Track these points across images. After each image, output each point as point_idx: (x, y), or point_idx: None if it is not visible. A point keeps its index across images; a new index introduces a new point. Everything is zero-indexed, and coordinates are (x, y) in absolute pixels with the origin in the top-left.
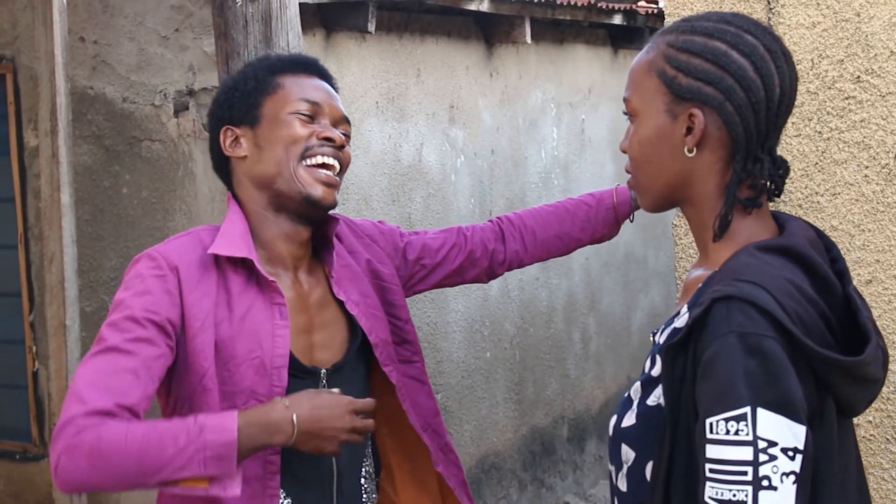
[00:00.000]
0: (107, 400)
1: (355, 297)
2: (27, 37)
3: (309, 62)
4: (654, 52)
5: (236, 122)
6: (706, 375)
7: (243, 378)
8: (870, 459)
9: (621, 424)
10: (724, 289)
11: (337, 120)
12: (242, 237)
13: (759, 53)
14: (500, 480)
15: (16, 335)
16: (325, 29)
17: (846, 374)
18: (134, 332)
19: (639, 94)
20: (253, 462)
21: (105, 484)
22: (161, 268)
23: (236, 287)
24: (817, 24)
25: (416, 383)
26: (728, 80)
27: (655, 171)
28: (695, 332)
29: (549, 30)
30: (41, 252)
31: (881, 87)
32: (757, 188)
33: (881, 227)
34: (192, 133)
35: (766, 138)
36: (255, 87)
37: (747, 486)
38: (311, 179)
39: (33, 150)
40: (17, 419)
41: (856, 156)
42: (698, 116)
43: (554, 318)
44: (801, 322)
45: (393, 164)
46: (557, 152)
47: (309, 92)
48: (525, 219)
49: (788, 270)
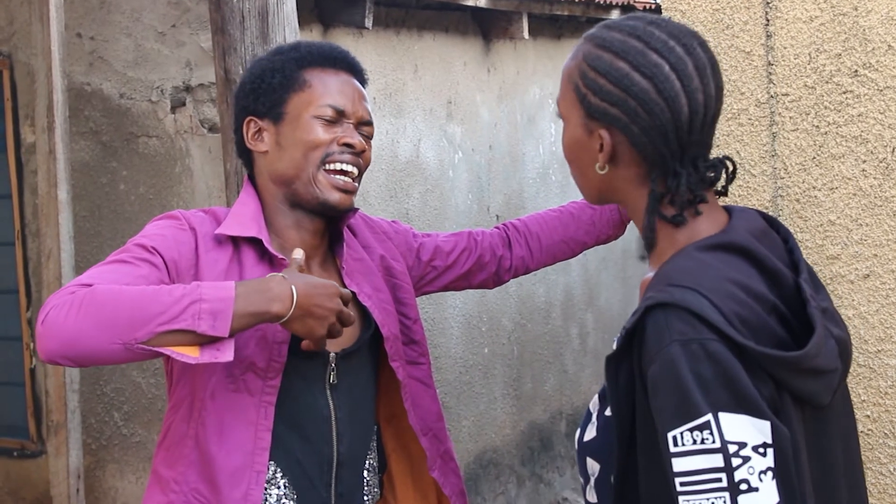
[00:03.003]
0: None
1: (367, 290)
2: (24, 33)
3: (338, 57)
4: (574, 61)
5: (260, 115)
6: (658, 389)
7: (244, 347)
8: (867, 454)
9: (584, 438)
10: (658, 296)
11: (361, 121)
12: (254, 218)
13: (664, 74)
14: (499, 476)
15: (13, 332)
16: (322, 24)
17: (793, 369)
18: (141, 254)
19: (563, 101)
20: (244, 433)
21: (91, 336)
22: (181, 222)
23: (249, 262)
24: (815, 19)
25: (420, 385)
26: (630, 103)
27: (582, 178)
28: (635, 340)
29: (547, 25)
30: (38, 249)
31: (879, 81)
32: (679, 203)
33: (879, 222)
34: (190, 129)
35: (683, 154)
36: (282, 83)
37: (724, 493)
38: (329, 185)
39: (30, 146)
40: (14, 416)
41: (853, 150)
42: (605, 137)
43: (552, 313)
44: (742, 322)
45: (390, 159)
46: (555, 148)
47: (335, 95)
48: (530, 225)
49: (731, 267)
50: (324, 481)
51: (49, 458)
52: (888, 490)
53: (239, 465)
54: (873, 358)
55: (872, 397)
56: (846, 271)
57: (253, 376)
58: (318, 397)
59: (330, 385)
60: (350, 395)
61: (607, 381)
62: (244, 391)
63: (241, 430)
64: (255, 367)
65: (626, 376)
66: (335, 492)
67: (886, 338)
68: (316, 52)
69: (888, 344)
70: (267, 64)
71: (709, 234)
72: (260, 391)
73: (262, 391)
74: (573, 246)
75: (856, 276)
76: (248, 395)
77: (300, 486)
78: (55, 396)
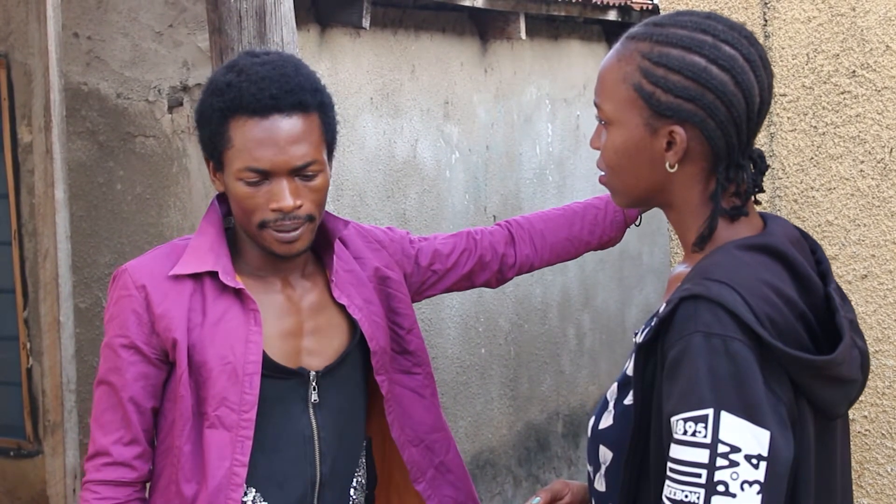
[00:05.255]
0: (108, 441)
1: (358, 302)
2: (21, 32)
3: (259, 105)
4: (628, 61)
5: (209, 159)
6: (672, 375)
7: (214, 384)
8: (865, 454)
9: (599, 426)
10: (693, 288)
11: (293, 169)
12: (211, 249)
13: (739, 65)
14: (495, 476)
15: (10, 332)
16: (320, 25)
17: (817, 375)
18: (110, 361)
19: (612, 104)
20: (218, 470)
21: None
22: (126, 287)
23: (211, 293)
24: (813, 19)
25: (413, 395)
26: (709, 97)
27: (633, 180)
28: (662, 330)
29: (544, 25)
30: (35, 248)
31: (877, 81)
32: (741, 195)
33: (877, 222)
34: (187, 129)
35: (747, 146)
36: (211, 138)
37: (699, 489)
38: (273, 241)
39: (27, 146)
40: (11, 416)
41: (851, 150)
42: (680, 134)
43: (549, 314)
44: (771, 324)
45: (387, 160)
46: (552, 148)
47: (256, 153)
48: (534, 222)
49: (767, 269)
50: (306, 502)
51: (46, 457)
52: (885, 490)
53: (213, 501)
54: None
55: (870, 397)
56: (844, 272)
57: (227, 411)
58: (298, 418)
59: (312, 404)
60: (335, 412)
61: (634, 368)
62: (220, 427)
63: (215, 466)
64: (227, 402)
65: (651, 368)
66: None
67: (884, 338)
68: (241, 98)
69: (885, 344)
70: (202, 107)
71: (746, 234)
72: (236, 426)
73: (238, 425)
74: (577, 245)
75: (853, 276)
76: (225, 431)
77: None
78: (52, 396)
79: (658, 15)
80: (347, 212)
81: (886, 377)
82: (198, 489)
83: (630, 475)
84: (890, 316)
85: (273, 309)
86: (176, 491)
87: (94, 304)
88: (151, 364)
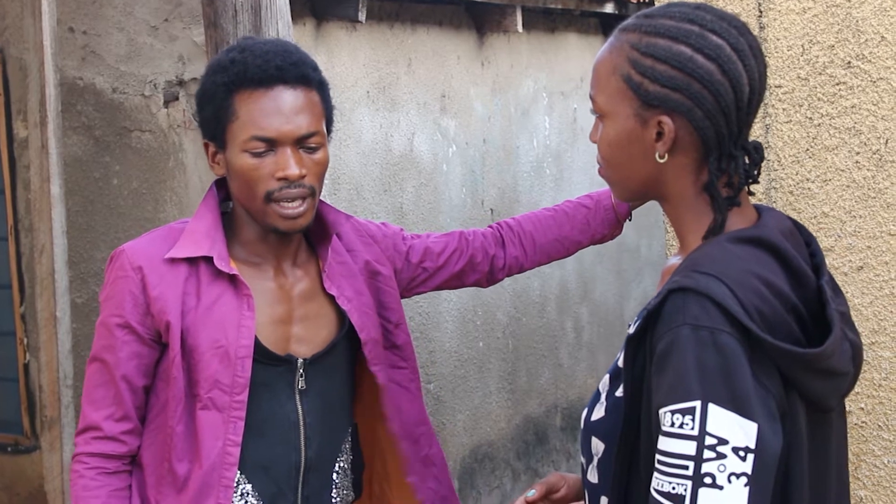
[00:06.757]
0: (99, 416)
1: (348, 294)
2: (16, 27)
3: (269, 71)
4: (618, 52)
5: (210, 139)
6: (660, 367)
7: (207, 366)
8: (861, 446)
9: (591, 418)
10: (682, 280)
11: (298, 139)
12: (207, 234)
13: (726, 55)
14: (494, 470)
15: (6, 327)
16: (316, 18)
17: (807, 368)
18: (104, 339)
19: (605, 95)
20: (212, 449)
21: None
22: (123, 268)
23: (206, 277)
24: (808, 10)
25: (399, 389)
26: (695, 86)
27: (627, 172)
28: (651, 322)
29: (541, 18)
30: (31, 244)
31: (872, 72)
32: (734, 185)
33: (872, 213)
34: (183, 123)
35: (739, 136)
36: (215, 114)
37: (686, 481)
38: (277, 216)
39: (23, 141)
40: (8, 411)
41: (847, 142)
42: (668, 124)
43: (547, 307)
44: (761, 316)
45: (384, 153)
46: (549, 141)
47: (262, 122)
48: (524, 224)
49: (758, 261)
50: (291, 485)
51: (43, 453)
52: (882, 482)
53: (207, 480)
54: (867, 350)
55: (866, 389)
56: (840, 263)
57: (219, 393)
58: (285, 404)
59: (299, 391)
60: (321, 399)
61: (625, 360)
62: (212, 408)
63: (209, 445)
64: (220, 385)
65: (641, 359)
66: (301, 494)
67: (880, 330)
68: (246, 71)
69: (882, 336)
70: (205, 86)
71: (741, 226)
72: (228, 407)
73: (231, 406)
74: (568, 245)
75: (849, 267)
76: (217, 412)
77: (266, 492)
78: (49, 392)
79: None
80: (344, 205)
81: (883, 369)
82: (190, 468)
83: (621, 467)
84: (886, 307)
85: (265, 295)
86: (168, 469)
87: (91, 300)
88: (145, 344)
